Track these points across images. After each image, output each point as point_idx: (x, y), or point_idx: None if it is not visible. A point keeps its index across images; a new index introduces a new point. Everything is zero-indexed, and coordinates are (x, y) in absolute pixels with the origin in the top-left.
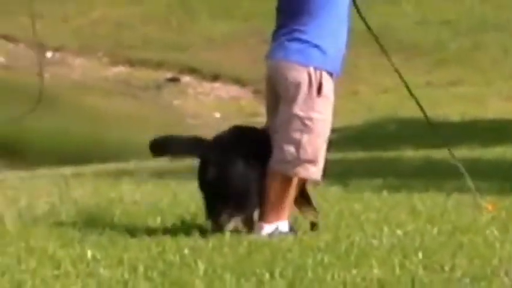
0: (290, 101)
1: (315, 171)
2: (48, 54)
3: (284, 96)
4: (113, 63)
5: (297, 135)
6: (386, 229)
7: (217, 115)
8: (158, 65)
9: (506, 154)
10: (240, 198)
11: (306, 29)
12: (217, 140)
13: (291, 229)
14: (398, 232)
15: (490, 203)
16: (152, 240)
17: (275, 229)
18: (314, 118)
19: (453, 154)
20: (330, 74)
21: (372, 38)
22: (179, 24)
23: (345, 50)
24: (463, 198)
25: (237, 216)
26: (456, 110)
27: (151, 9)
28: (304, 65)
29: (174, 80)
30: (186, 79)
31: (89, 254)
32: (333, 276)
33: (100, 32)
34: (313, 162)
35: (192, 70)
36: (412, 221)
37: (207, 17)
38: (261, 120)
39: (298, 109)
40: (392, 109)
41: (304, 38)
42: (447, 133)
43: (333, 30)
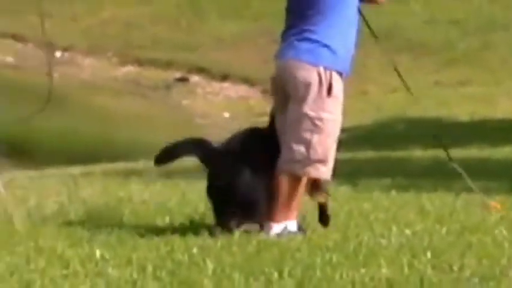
0: (300, 101)
1: (326, 171)
2: (58, 54)
3: (294, 96)
4: (123, 63)
5: (307, 135)
6: (394, 229)
7: (226, 115)
8: (168, 65)
9: None
10: (249, 206)
11: (316, 29)
12: (224, 145)
13: (300, 228)
14: (407, 232)
15: (499, 203)
16: (161, 239)
17: (284, 228)
18: (324, 118)
19: (449, 155)
20: (340, 74)
21: (381, 38)
22: (188, 24)
23: (354, 50)
24: (472, 198)
25: (246, 223)
26: (465, 110)
27: (161, 9)
28: (315, 64)
29: (183, 79)
30: (195, 79)
31: (97, 253)
32: (341, 275)
33: (110, 31)
34: (323, 162)
35: (201, 70)
36: (421, 220)
37: (216, 17)
38: None
39: (309, 109)
40: (400, 109)
41: (314, 38)
42: (456, 133)
43: (342, 31)
